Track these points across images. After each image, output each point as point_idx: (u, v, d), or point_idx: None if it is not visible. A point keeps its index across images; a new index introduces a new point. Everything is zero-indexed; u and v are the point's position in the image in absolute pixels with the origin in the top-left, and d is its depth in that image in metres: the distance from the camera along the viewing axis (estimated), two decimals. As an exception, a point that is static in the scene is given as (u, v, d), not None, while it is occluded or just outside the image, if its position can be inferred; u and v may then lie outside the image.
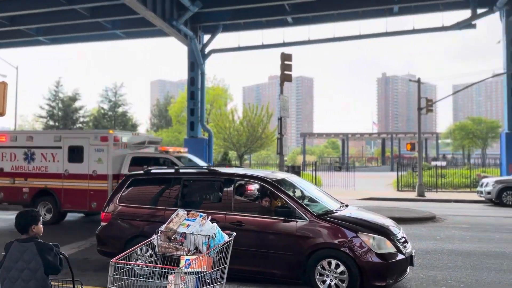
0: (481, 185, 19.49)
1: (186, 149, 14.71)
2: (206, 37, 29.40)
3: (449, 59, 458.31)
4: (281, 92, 15.83)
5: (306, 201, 6.96)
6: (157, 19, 22.79)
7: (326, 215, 6.32)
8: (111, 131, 12.37)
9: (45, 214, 12.36)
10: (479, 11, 25.26)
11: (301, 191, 7.30)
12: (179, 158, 12.56)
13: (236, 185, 6.85)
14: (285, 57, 15.91)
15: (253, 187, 7.05)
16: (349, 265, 5.77)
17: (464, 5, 25.54)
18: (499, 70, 25.57)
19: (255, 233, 6.34)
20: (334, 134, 73.06)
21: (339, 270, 5.85)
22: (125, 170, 11.83)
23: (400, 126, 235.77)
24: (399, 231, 6.42)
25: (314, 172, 25.68)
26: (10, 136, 13.14)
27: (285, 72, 15.82)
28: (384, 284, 5.71)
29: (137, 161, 12.24)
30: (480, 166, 36.12)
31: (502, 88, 26.13)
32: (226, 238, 4.29)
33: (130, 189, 7.36)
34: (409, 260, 6.12)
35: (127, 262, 4.12)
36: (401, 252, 5.96)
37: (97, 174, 12.05)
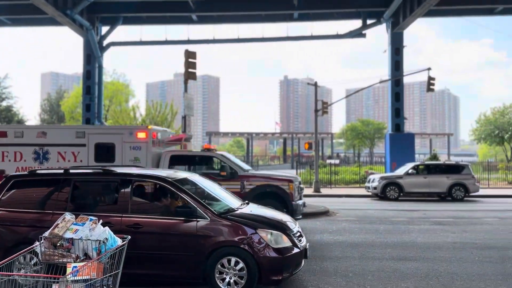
0: (369, 181, 21.41)
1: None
2: (105, 29, 27.84)
3: (343, 65, 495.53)
4: (185, 90, 15.64)
5: (208, 200, 6.94)
6: (49, 6, 20.94)
7: (227, 214, 6.37)
8: (149, 127, 11.17)
9: None
10: (369, 21, 27.69)
11: (203, 190, 7.26)
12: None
13: (134, 185, 6.57)
14: (190, 55, 15.75)
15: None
16: (248, 262, 5.88)
17: (356, 15, 27.76)
18: (385, 77, 28.30)
19: (154, 235, 6.15)
20: (239, 133, 74.32)
21: (238, 267, 5.93)
22: None
23: (300, 126, 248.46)
24: (295, 226, 6.72)
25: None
26: (14, 131, 11.14)
27: (190, 70, 15.67)
28: (280, 278, 5.94)
29: (177, 160, 11.21)
30: (368, 164, 39.68)
31: (388, 93, 28.98)
32: (119, 242, 4.08)
33: (12, 192, 6.64)
34: (304, 253, 6.43)
35: (5, 272, 3.71)
36: (297, 246, 6.25)
37: None
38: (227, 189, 10.23)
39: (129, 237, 4.30)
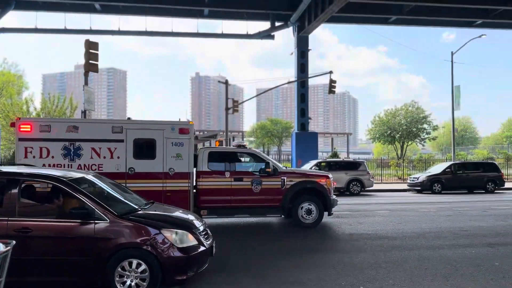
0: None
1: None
2: (-7, 13, 24.94)
3: (255, 64, 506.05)
4: (86, 82, 14.69)
5: (108, 200, 6.58)
6: None
7: (129, 214, 6.10)
8: (191, 122, 11.04)
9: None
10: (277, 24, 28.57)
11: (103, 190, 6.87)
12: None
13: (22, 186, 5.97)
14: (91, 45, 14.82)
15: None
16: (151, 263, 5.70)
17: (265, 17, 28.46)
18: (293, 78, 29.46)
19: (47, 239, 5.67)
20: (147, 130, 71.89)
21: (140, 269, 5.71)
22: (203, 167, 10.88)
23: (212, 124, 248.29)
24: (201, 224, 6.67)
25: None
26: (39, 124, 10.01)
27: (91, 62, 14.76)
28: (185, 277, 5.85)
29: (215, 157, 11.22)
30: (277, 161, 40.90)
31: (294, 94, 30.20)
32: (1, 248, 3.66)
33: None
34: (210, 251, 6.42)
35: None
36: (203, 244, 6.20)
37: (175, 172, 10.40)
38: (269, 185, 11.06)
39: (14, 242, 3.88)
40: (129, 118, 11.26)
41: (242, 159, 11.77)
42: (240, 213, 11.12)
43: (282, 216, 11.53)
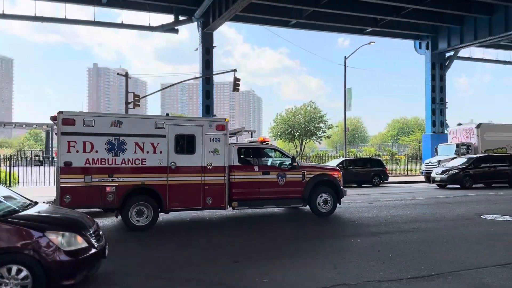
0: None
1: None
2: None
3: (161, 59, 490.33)
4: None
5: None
6: None
7: (7, 216, 5.55)
8: (227, 119, 11.68)
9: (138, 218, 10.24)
10: (181, 18, 28.11)
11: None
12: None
13: None
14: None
15: None
16: (34, 269, 5.24)
17: (168, 10, 27.82)
18: (198, 75, 29.23)
19: None
20: (37, 125, 65.32)
21: (21, 276, 5.22)
22: (234, 162, 11.44)
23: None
24: (93, 225, 6.31)
25: (8, 168, 22.39)
26: (83, 119, 10.03)
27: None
28: (73, 282, 5.49)
29: (243, 153, 11.85)
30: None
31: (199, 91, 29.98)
32: None
33: None
34: (102, 253, 6.09)
35: None
36: (94, 246, 5.87)
37: (212, 166, 10.98)
38: (292, 178, 11.92)
39: None
40: (167, 114, 11.30)
41: (266, 154, 12.54)
42: (268, 204, 11.81)
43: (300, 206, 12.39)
